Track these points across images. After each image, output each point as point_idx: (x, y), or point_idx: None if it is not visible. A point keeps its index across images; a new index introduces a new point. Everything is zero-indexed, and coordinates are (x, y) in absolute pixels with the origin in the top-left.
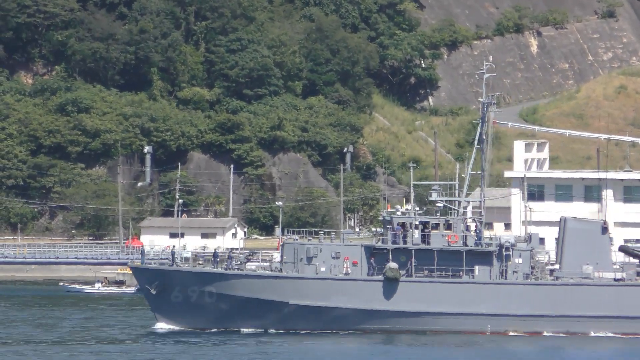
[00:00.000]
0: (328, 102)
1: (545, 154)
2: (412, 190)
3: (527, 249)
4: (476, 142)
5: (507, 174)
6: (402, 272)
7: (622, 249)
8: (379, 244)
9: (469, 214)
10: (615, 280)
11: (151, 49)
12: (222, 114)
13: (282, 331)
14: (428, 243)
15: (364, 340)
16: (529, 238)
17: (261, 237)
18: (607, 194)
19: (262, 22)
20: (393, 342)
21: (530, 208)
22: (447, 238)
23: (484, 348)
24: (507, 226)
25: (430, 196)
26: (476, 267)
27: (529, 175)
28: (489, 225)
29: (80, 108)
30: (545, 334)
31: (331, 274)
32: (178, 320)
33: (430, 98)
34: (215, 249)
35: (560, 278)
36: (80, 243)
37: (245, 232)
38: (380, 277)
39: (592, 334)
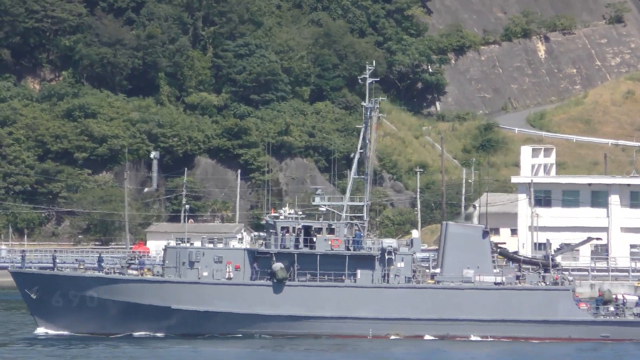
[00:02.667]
0: (335, 108)
1: (552, 159)
2: (418, 195)
3: (409, 253)
4: (359, 146)
5: (514, 179)
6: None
7: (501, 253)
8: (262, 248)
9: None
10: (495, 283)
11: (159, 54)
12: (229, 119)
13: (164, 336)
14: (311, 247)
15: (246, 345)
16: (410, 243)
17: None
18: (614, 199)
19: (270, 27)
20: (274, 346)
21: (537, 214)
22: (330, 242)
23: (363, 352)
24: (514, 232)
25: (314, 200)
26: (358, 271)
27: (535, 180)
28: (496, 231)
29: (87, 113)
30: (426, 337)
31: (213, 279)
32: (59, 325)
33: (437, 103)
34: (100, 254)
35: (441, 282)
36: (86, 248)
37: (252, 238)
38: (263, 282)
39: (473, 337)
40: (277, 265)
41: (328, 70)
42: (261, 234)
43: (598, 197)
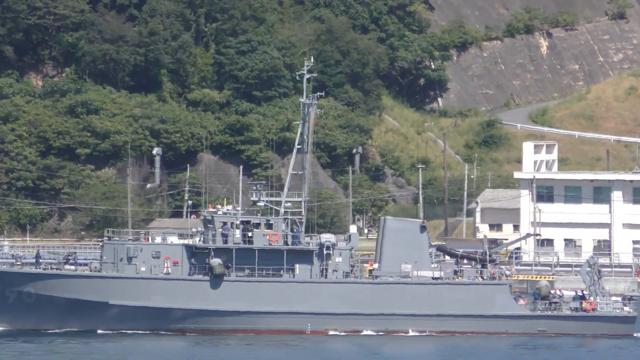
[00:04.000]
0: (337, 104)
1: (554, 155)
2: (420, 191)
3: (347, 248)
4: (296, 142)
5: (516, 175)
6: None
7: (439, 248)
8: (200, 244)
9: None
10: (433, 278)
11: (161, 51)
12: (231, 116)
13: (103, 332)
14: (249, 242)
15: (184, 341)
16: (348, 238)
17: None
18: (616, 195)
19: (272, 24)
20: (212, 342)
21: (539, 209)
22: (268, 237)
23: (301, 347)
24: (516, 228)
25: (252, 196)
26: (297, 266)
27: (538, 176)
28: (498, 227)
29: (89, 110)
30: (364, 332)
31: (151, 274)
32: None
33: (439, 99)
34: (37, 249)
35: (379, 277)
36: (89, 244)
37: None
38: (201, 277)
39: (411, 332)
40: (215, 261)
41: (330, 67)
42: (200, 229)
43: (600, 193)
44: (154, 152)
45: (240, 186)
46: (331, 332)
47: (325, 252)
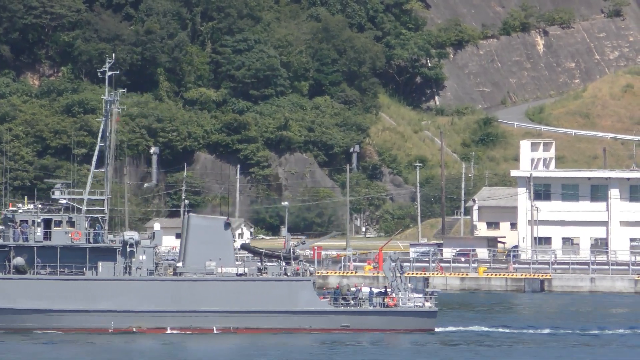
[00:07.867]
0: (334, 102)
1: (551, 153)
2: (418, 190)
3: (151, 245)
4: (99, 140)
5: (513, 173)
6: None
7: (243, 246)
8: (0, 242)
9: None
10: (237, 275)
11: (157, 50)
12: (228, 115)
13: None
14: (51, 240)
15: None
16: (152, 235)
17: (267, 237)
18: (613, 193)
19: (269, 22)
20: (12, 341)
21: (536, 207)
22: (70, 235)
23: (103, 346)
24: (513, 226)
25: (54, 194)
26: (100, 264)
27: (535, 174)
28: (496, 225)
29: (86, 109)
30: (169, 330)
31: None
32: None
33: (436, 97)
34: None
35: (183, 274)
36: None
37: (251, 232)
38: (1, 275)
39: (216, 329)
40: (19, 260)
41: (327, 65)
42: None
43: (597, 191)
44: (151, 151)
45: (238, 185)
46: (135, 330)
47: (128, 249)
